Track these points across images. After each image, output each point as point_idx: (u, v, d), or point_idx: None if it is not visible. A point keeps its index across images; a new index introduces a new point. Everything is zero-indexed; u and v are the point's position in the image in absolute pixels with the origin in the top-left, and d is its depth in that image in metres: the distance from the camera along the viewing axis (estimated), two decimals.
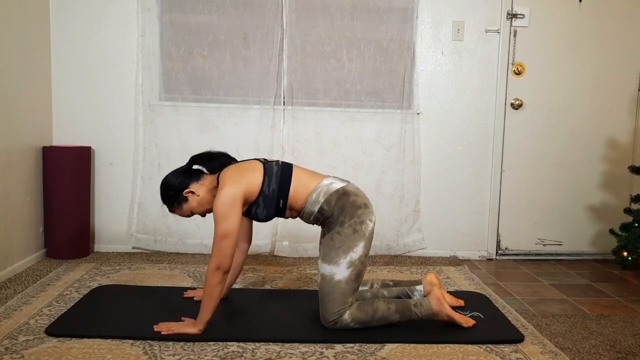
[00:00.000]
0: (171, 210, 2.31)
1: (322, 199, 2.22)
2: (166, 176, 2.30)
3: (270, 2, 3.42)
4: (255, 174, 2.20)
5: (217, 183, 2.22)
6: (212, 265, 2.08)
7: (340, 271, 2.17)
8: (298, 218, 2.34)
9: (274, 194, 2.21)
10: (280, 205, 2.23)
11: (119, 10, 3.40)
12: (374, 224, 2.26)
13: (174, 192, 2.25)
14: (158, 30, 3.43)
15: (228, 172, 2.20)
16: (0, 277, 2.81)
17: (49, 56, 3.38)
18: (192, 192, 2.24)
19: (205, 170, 2.32)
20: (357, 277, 2.20)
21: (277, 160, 2.31)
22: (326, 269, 2.19)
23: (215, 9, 3.42)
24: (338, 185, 2.26)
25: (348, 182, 2.31)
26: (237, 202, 2.11)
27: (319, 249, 2.30)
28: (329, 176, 2.31)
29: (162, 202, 2.32)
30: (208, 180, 2.27)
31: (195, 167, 2.33)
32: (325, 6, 3.45)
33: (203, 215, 2.32)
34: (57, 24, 3.38)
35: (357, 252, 2.18)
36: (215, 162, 2.31)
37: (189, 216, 2.32)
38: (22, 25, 3.05)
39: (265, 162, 2.26)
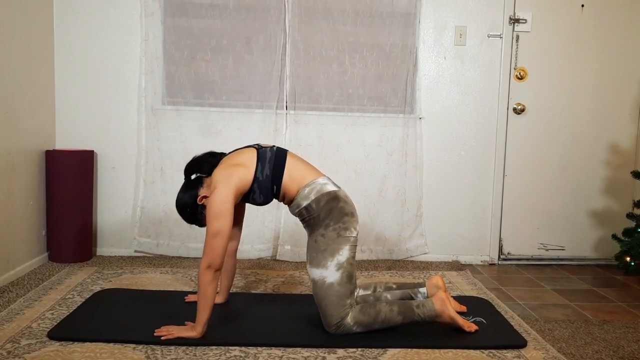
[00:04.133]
0: (200, 224, 2.32)
1: (312, 197, 2.22)
2: (176, 200, 2.32)
3: (273, 6, 3.43)
4: (247, 166, 2.21)
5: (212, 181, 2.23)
6: (203, 264, 2.09)
7: (330, 274, 2.17)
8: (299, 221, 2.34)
9: (268, 180, 2.23)
10: (274, 191, 2.26)
11: (122, 15, 3.41)
12: (358, 234, 2.26)
13: (190, 207, 2.27)
14: (161, 34, 3.44)
15: (218, 172, 2.22)
16: (2, 280, 2.82)
17: (52, 60, 3.39)
18: (205, 197, 2.24)
19: (203, 175, 2.33)
20: (349, 278, 2.20)
21: (272, 146, 2.32)
22: (315, 273, 2.19)
23: (218, 13, 3.43)
24: (331, 187, 2.27)
25: (339, 187, 2.32)
26: (228, 201, 2.12)
27: (306, 254, 2.30)
28: (324, 175, 2.32)
29: (189, 224, 2.34)
30: (210, 180, 2.27)
31: (192, 177, 2.34)
32: (328, 11, 3.46)
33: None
34: (61, 28, 3.39)
35: (343, 255, 2.18)
36: (205, 164, 2.31)
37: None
38: (25, 30, 3.06)
39: (259, 148, 2.28)
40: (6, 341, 2.09)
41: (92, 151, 3.41)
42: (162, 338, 2.11)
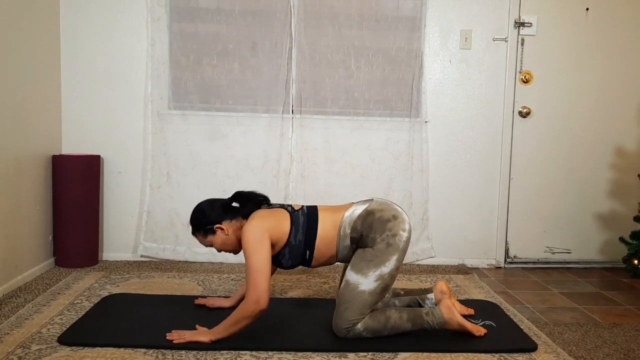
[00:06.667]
0: (194, 234, 2.31)
1: (348, 230, 2.22)
2: (204, 203, 2.30)
3: (279, 11, 3.44)
4: (284, 221, 2.21)
5: None
6: (252, 297, 2.05)
7: (366, 282, 2.15)
8: None
9: (300, 245, 2.22)
10: (307, 257, 2.25)
11: (128, 20, 3.42)
12: (409, 233, 2.22)
13: (206, 221, 2.26)
14: (167, 39, 3.45)
15: (254, 215, 2.21)
16: (10, 285, 2.81)
17: (59, 65, 3.40)
18: (222, 229, 2.24)
19: (240, 212, 2.29)
20: (383, 290, 2.19)
21: (302, 207, 2.29)
22: (353, 277, 2.18)
23: (224, 18, 3.44)
24: (360, 209, 2.25)
25: (371, 199, 2.30)
26: (264, 235, 2.12)
27: (352, 257, 2.27)
28: (352, 204, 2.30)
29: (189, 223, 2.32)
30: (239, 223, 2.27)
31: (234, 204, 2.32)
32: (334, 15, 3.47)
33: (219, 251, 2.32)
34: (67, 33, 3.40)
35: (388, 267, 2.16)
36: (250, 204, 2.29)
37: (207, 246, 2.32)
38: (32, 35, 3.07)
39: (292, 212, 2.26)
40: (16, 346, 2.09)
41: (99, 156, 3.41)
42: (173, 341, 2.11)
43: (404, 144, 3.56)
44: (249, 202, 2.30)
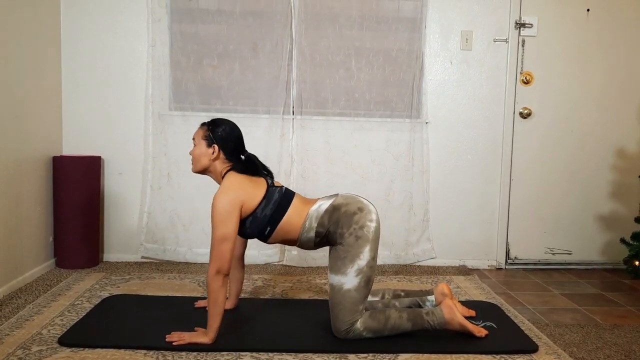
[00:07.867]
0: (202, 125, 2.32)
1: (315, 224, 2.23)
2: (234, 126, 2.31)
3: (280, 12, 3.44)
4: (258, 191, 2.22)
5: (223, 177, 2.26)
6: (212, 270, 2.09)
7: (348, 280, 2.16)
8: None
9: (264, 220, 2.23)
10: (266, 232, 2.26)
11: (129, 21, 3.42)
12: (377, 223, 2.23)
13: (218, 133, 2.26)
14: (168, 40, 3.45)
15: (234, 177, 2.22)
16: (11, 286, 2.81)
17: (59, 67, 3.40)
18: (214, 152, 2.25)
19: (233, 162, 2.29)
20: (367, 283, 2.19)
21: (282, 187, 2.31)
22: (334, 279, 2.19)
23: (224, 19, 3.44)
24: (326, 204, 2.26)
25: (336, 195, 2.32)
26: (235, 208, 2.14)
27: (328, 261, 2.31)
28: (318, 199, 2.32)
29: (210, 121, 2.34)
30: (225, 166, 2.28)
31: (244, 157, 2.33)
32: (334, 16, 3.46)
33: (191, 154, 2.31)
34: (68, 34, 3.40)
35: (363, 259, 2.17)
36: (248, 168, 2.29)
37: (192, 140, 2.33)
38: (33, 36, 3.07)
39: (270, 186, 2.27)
40: (17, 347, 2.09)
41: (99, 157, 3.41)
42: (173, 344, 2.11)
43: (404, 145, 3.56)
44: (249, 166, 2.30)
